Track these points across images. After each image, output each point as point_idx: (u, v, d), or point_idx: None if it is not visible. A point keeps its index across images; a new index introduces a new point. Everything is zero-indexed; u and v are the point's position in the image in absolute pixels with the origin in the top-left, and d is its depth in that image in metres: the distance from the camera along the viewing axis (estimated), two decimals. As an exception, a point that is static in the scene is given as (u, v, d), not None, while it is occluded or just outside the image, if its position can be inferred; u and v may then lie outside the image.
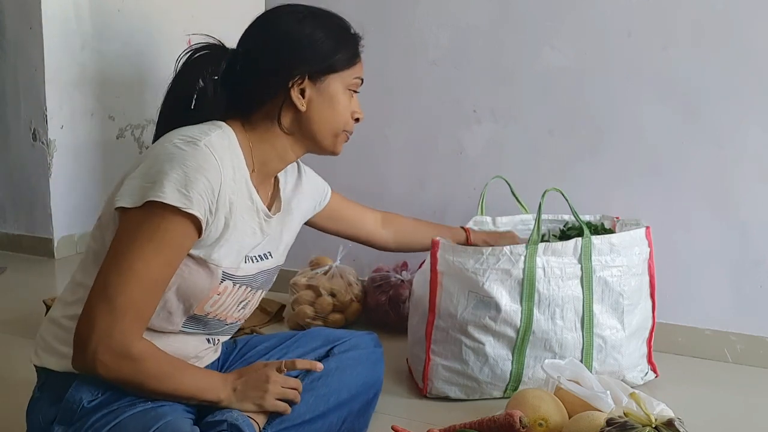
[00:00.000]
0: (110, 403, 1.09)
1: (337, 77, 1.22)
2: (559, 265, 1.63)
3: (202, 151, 1.07)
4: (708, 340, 1.99)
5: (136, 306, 1.03)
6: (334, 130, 1.24)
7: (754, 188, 1.93)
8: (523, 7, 2.13)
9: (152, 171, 1.04)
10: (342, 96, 1.23)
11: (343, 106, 1.23)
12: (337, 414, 1.31)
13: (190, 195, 1.03)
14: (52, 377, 1.13)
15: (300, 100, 1.19)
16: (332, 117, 1.23)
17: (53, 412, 1.10)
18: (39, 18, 2.82)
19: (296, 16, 1.21)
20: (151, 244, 1.02)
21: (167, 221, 1.03)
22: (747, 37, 1.89)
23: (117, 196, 1.06)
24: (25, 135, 2.95)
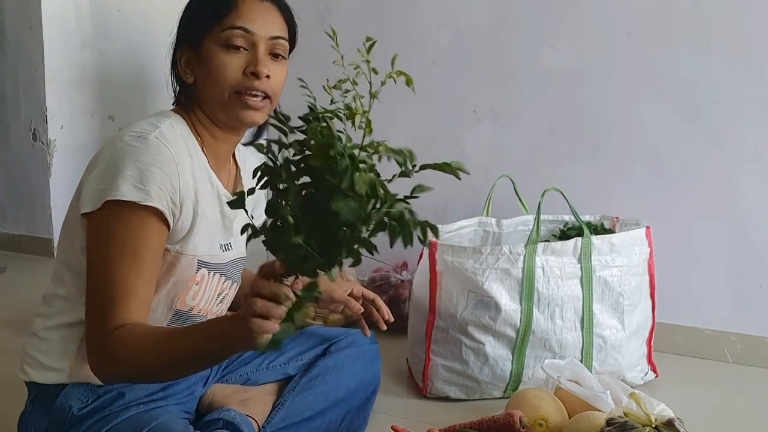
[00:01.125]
0: (102, 409, 1.09)
1: (209, 38, 1.10)
2: (559, 264, 1.63)
3: (154, 144, 1.04)
4: (708, 340, 1.99)
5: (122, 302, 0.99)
6: (219, 94, 1.10)
7: (754, 188, 1.93)
8: (523, 7, 2.12)
9: (107, 172, 1.02)
10: (218, 55, 1.09)
11: (219, 65, 1.09)
12: (336, 411, 1.32)
13: (148, 188, 1.00)
14: (41, 390, 1.12)
15: (187, 74, 1.14)
16: (213, 82, 1.10)
17: (44, 423, 1.10)
18: (39, 18, 2.81)
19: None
20: (126, 248, 1.00)
21: (132, 219, 1.00)
22: (747, 37, 1.89)
23: (80, 203, 1.03)
24: (25, 135, 2.95)
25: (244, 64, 1.10)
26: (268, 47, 1.12)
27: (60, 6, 2.87)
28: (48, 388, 1.11)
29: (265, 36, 1.11)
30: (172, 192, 1.04)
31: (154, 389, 1.15)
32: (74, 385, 1.09)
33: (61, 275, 1.13)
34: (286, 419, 1.25)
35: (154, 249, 1.03)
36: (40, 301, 2.08)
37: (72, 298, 1.10)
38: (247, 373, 1.37)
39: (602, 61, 2.05)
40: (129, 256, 1.00)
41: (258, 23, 1.10)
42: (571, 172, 2.09)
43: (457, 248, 1.64)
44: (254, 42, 1.10)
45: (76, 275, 1.09)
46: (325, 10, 2.36)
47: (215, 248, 1.17)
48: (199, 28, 1.11)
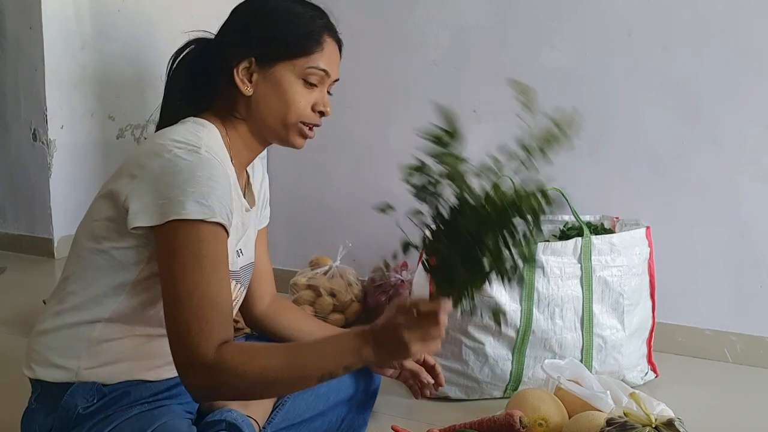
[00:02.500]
0: (107, 408, 1.08)
1: (288, 65, 1.14)
2: (559, 264, 1.63)
3: (207, 159, 1.04)
4: (708, 340, 1.99)
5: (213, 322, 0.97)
6: (282, 119, 1.15)
7: (754, 188, 1.93)
8: (523, 7, 2.13)
9: (163, 187, 1.00)
10: (292, 85, 1.14)
11: (293, 94, 1.14)
12: (336, 412, 1.32)
13: (211, 204, 1.00)
14: (47, 387, 1.11)
15: (244, 83, 1.14)
16: (278, 105, 1.15)
17: (49, 422, 1.09)
18: (39, 18, 2.81)
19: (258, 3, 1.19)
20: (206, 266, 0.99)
21: (205, 237, 0.99)
22: (747, 37, 1.89)
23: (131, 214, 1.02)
24: (25, 135, 2.95)
25: (313, 100, 1.17)
26: (330, 86, 1.21)
27: (60, 6, 2.87)
28: (53, 386, 1.10)
29: (333, 78, 1.21)
30: (228, 205, 1.04)
31: (160, 389, 1.14)
32: (80, 384, 1.08)
33: (79, 273, 1.11)
34: (287, 420, 1.25)
35: (225, 261, 1.03)
36: (39, 301, 2.07)
37: (87, 297, 1.09)
38: None
39: (602, 61, 2.05)
40: (210, 273, 0.99)
41: (333, 67, 1.19)
42: (571, 172, 2.09)
43: (457, 248, 1.63)
44: (325, 84, 1.19)
45: (99, 273, 1.08)
46: (325, 10, 2.36)
47: (233, 254, 1.17)
48: (279, 53, 1.14)
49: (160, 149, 1.04)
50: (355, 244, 1.72)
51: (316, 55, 1.15)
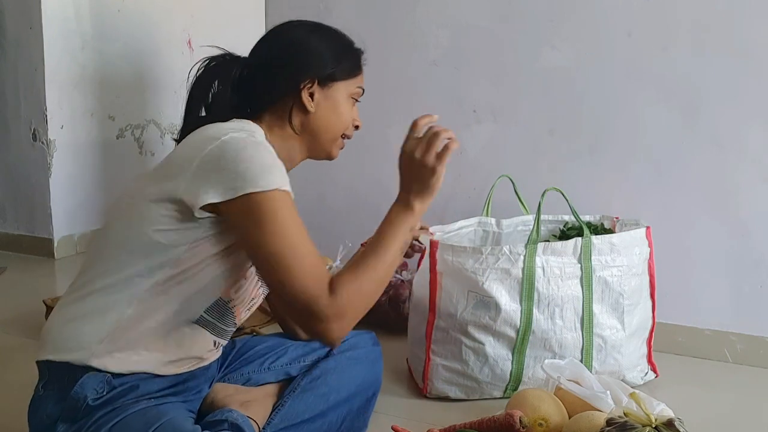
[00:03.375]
0: (115, 400, 1.09)
1: (342, 85, 1.30)
2: (559, 264, 1.63)
3: (261, 142, 1.17)
4: (708, 340, 1.99)
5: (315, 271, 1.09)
6: (335, 134, 1.32)
7: (754, 188, 1.93)
8: (523, 7, 2.13)
9: (229, 164, 1.08)
10: (345, 102, 1.31)
11: (345, 111, 1.32)
12: (336, 413, 1.32)
13: (279, 174, 1.11)
14: (56, 373, 1.12)
15: (309, 102, 1.27)
16: (336, 121, 1.31)
17: (57, 411, 1.10)
18: (39, 18, 2.81)
19: (306, 28, 1.33)
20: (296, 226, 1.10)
21: (281, 201, 1.09)
22: (747, 37, 1.89)
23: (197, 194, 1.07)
24: (25, 135, 2.95)
25: (354, 115, 1.35)
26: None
27: (60, 6, 2.87)
28: (63, 371, 1.11)
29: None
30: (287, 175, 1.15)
31: (167, 384, 1.16)
32: (90, 375, 1.09)
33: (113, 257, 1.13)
34: (286, 420, 1.25)
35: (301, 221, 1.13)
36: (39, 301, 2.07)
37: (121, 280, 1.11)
38: (249, 373, 1.37)
39: (602, 61, 2.05)
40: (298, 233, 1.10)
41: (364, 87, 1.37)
42: (571, 172, 2.10)
43: (457, 248, 1.64)
44: (359, 100, 1.36)
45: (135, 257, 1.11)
46: (324, 10, 2.36)
47: None
48: (339, 75, 1.29)
49: (214, 135, 1.12)
50: (355, 244, 1.71)
51: (360, 76, 1.34)
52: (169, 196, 1.10)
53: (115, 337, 1.10)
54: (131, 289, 1.11)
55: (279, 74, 1.27)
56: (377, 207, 1.72)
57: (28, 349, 1.21)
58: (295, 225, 1.10)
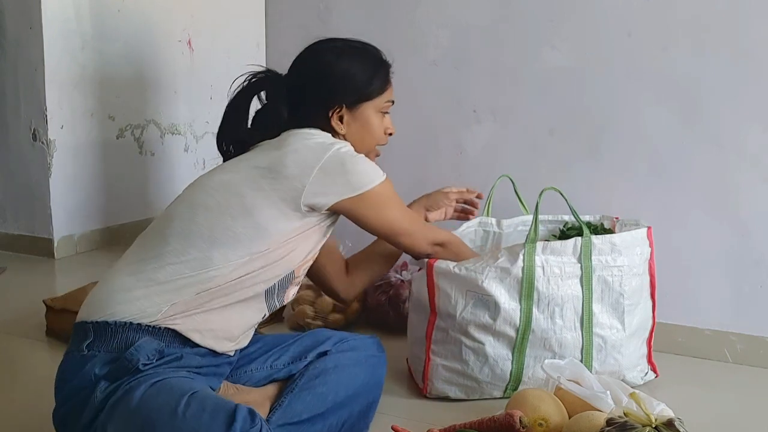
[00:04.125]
0: (158, 366, 1.15)
1: (370, 104, 1.43)
2: (559, 264, 1.63)
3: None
4: (708, 340, 1.99)
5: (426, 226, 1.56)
6: (368, 148, 1.46)
7: (754, 188, 1.93)
8: (523, 7, 2.13)
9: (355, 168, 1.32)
10: (374, 118, 1.45)
11: (376, 127, 1.45)
12: (336, 416, 1.31)
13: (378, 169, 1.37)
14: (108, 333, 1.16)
15: (339, 125, 1.41)
16: (368, 138, 1.45)
17: (105, 370, 1.14)
18: (39, 18, 2.81)
19: (335, 52, 1.43)
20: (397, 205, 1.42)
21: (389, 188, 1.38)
22: (747, 37, 1.89)
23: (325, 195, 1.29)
24: (25, 135, 2.95)
25: (385, 126, 1.49)
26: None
27: (60, 6, 2.87)
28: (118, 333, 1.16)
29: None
30: None
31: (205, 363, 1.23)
32: (146, 341, 1.15)
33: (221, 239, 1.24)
34: (283, 418, 1.24)
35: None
36: (39, 301, 2.06)
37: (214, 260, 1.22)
38: (251, 371, 1.38)
39: (602, 61, 2.05)
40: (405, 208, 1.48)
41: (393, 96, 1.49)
42: (571, 172, 2.10)
43: (457, 248, 1.64)
44: (389, 111, 1.49)
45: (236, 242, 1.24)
46: (325, 10, 2.36)
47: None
48: (366, 97, 1.43)
49: (323, 144, 1.33)
50: (355, 244, 1.72)
51: (389, 90, 1.47)
52: (285, 197, 1.26)
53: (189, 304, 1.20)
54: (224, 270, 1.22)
55: (311, 99, 1.40)
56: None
57: (28, 349, 1.21)
58: (400, 203, 1.43)
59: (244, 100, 1.42)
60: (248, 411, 1.08)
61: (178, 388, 1.11)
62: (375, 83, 1.43)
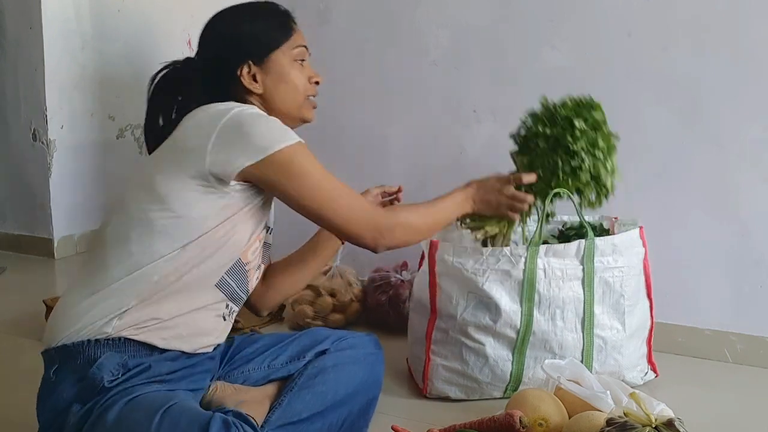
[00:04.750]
0: (126, 381, 1.12)
1: (279, 53, 1.33)
2: (561, 266, 1.63)
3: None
4: (708, 340, 1.99)
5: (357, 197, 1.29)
6: (293, 102, 1.36)
7: (754, 188, 1.93)
8: (523, 7, 2.13)
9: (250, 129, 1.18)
10: (290, 68, 1.34)
11: (294, 76, 1.34)
12: (336, 414, 1.31)
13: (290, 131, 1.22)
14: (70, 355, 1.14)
15: (254, 84, 1.32)
16: (290, 90, 1.34)
17: (74, 392, 1.12)
18: (39, 18, 2.81)
19: (227, 16, 1.37)
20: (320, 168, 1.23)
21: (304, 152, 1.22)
22: (747, 37, 1.89)
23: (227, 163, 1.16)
24: (25, 135, 2.95)
25: (307, 74, 1.37)
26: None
27: (60, 6, 2.87)
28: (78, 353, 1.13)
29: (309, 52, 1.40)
30: None
31: (177, 367, 1.20)
32: (108, 356, 1.13)
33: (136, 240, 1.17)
34: (284, 418, 1.24)
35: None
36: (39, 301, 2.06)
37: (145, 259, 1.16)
38: (248, 371, 1.38)
39: (602, 61, 2.05)
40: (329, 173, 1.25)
41: (306, 43, 1.39)
42: (571, 172, 2.09)
43: (458, 248, 1.64)
44: (306, 57, 1.38)
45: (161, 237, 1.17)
46: (325, 10, 2.36)
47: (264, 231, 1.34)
48: (269, 46, 1.33)
49: (222, 110, 1.20)
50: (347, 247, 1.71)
51: (294, 35, 1.36)
52: (192, 173, 1.16)
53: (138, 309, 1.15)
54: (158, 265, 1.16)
55: (220, 70, 1.32)
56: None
57: (28, 349, 1.21)
58: (322, 169, 1.24)
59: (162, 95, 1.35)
60: (222, 421, 1.05)
61: (151, 404, 1.09)
62: (276, 31, 1.34)
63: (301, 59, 1.36)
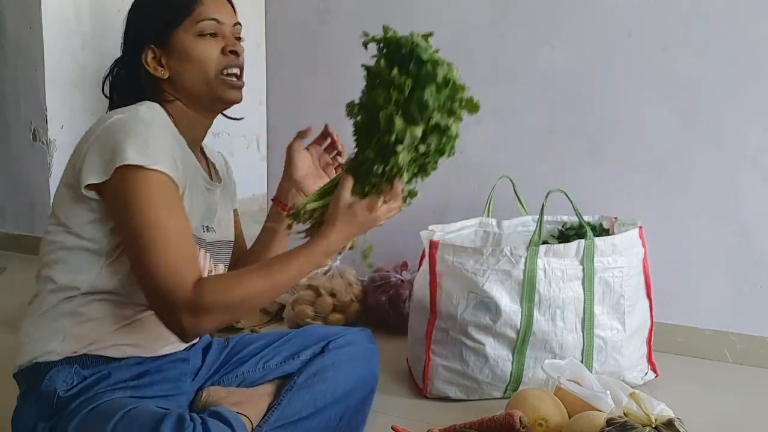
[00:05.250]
0: (87, 390, 1.11)
1: (180, 31, 1.21)
2: (561, 266, 1.63)
3: (146, 115, 1.12)
4: (708, 340, 1.99)
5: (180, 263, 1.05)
6: (204, 80, 1.22)
7: (754, 188, 1.93)
8: (523, 7, 2.12)
9: (107, 143, 1.07)
10: (195, 44, 1.21)
11: (199, 52, 1.21)
12: (334, 410, 1.31)
13: (151, 153, 1.06)
14: (30, 378, 1.13)
15: (159, 70, 1.22)
16: (196, 68, 1.21)
17: (34, 411, 1.11)
18: (39, 18, 2.82)
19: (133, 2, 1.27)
20: (161, 210, 1.05)
21: (147, 181, 1.05)
22: (747, 37, 1.89)
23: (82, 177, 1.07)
24: (25, 135, 2.95)
25: (220, 46, 1.22)
26: (233, 33, 1.26)
27: (60, 6, 2.88)
28: (34, 373, 1.12)
29: (230, 23, 1.25)
30: (172, 156, 1.11)
31: (140, 371, 1.17)
32: (59, 368, 1.11)
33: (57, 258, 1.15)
34: (283, 418, 1.24)
35: (180, 207, 1.10)
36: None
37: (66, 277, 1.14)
38: (244, 373, 1.37)
39: (602, 61, 2.05)
40: (168, 213, 1.06)
41: (222, 13, 1.24)
42: (571, 172, 2.09)
43: (458, 248, 1.64)
44: (222, 30, 1.23)
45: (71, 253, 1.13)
46: (325, 10, 2.36)
47: (198, 227, 1.21)
48: (166, 25, 1.21)
49: (102, 121, 1.11)
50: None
51: (198, 9, 1.22)
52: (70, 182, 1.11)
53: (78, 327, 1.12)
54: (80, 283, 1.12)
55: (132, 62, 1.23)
56: (377, 207, 1.72)
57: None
58: (167, 209, 1.06)
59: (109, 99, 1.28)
60: (177, 417, 1.03)
61: (109, 410, 1.06)
62: (175, 8, 1.22)
63: (211, 33, 1.22)
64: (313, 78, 2.34)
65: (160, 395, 1.18)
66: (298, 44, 2.36)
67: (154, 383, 1.18)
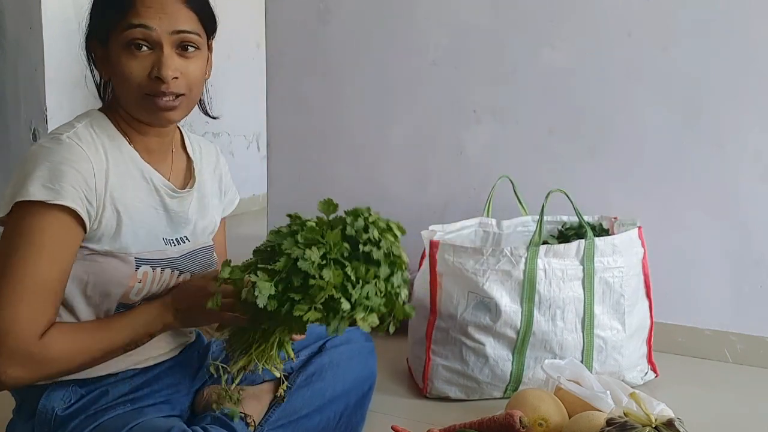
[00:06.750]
0: (87, 408, 1.09)
1: (115, 35, 1.05)
2: (561, 266, 1.63)
3: (66, 144, 1.03)
4: (708, 340, 1.99)
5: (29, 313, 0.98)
6: (130, 96, 1.08)
7: (754, 188, 1.93)
8: (523, 7, 2.12)
9: (18, 175, 1.01)
10: (122, 57, 1.05)
11: (123, 66, 1.05)
12: (333, 408, 1.32)
13: (58, 188, 0.98)
14: (26, 396, 1.12)
15: (101, 70, 1.13)
16: (119, 81, 1.07)
17: (29, 429, 1.10)
18: (39, 18, 2.82)
19: None
20: (44, 250, 0.98)
21: (40, 219, 0.98)
22: (747, 37, 1.89)
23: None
24: (25, 135, 2.95)
25: (149, 65, 1.05)
26: (174, 42, 1.06)
27: (60, 6, 2.87)
28: (31, 392, 1.10)
29: (168, 31, 1.05)
30: (87, 190, 1.02)
31: (139, 384, 1.16)
32: (55, 387, 1.10)
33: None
34: (284, 417, 1.25)
35: (71, 248, 1.02)
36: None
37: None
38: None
39: (602, 61, 2.05)
40: (47, 258, 0.98)
41: (157, 18, 1.04)
42: (571, 172, 2.09)
43: (458, 248, 1.64)
44: (156, 39, 1.04)
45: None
46: (325, 10, 2.36)
47: (156, 244, 1.13)
48: (104, 26, 1.06)
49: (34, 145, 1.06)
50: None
51: (130, 13, 1.03)
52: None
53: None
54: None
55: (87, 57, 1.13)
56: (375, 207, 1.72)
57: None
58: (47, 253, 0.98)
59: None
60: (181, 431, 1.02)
61: (112, 429, 1.05)
62: (106, 10, 1.05)
63: (136, 44, 1.03)
64: (313, 78, 2.34)
65: (160, 401, 1.17)
66: (298, 44, 2.36)
67: (153, 392, 1.17)
